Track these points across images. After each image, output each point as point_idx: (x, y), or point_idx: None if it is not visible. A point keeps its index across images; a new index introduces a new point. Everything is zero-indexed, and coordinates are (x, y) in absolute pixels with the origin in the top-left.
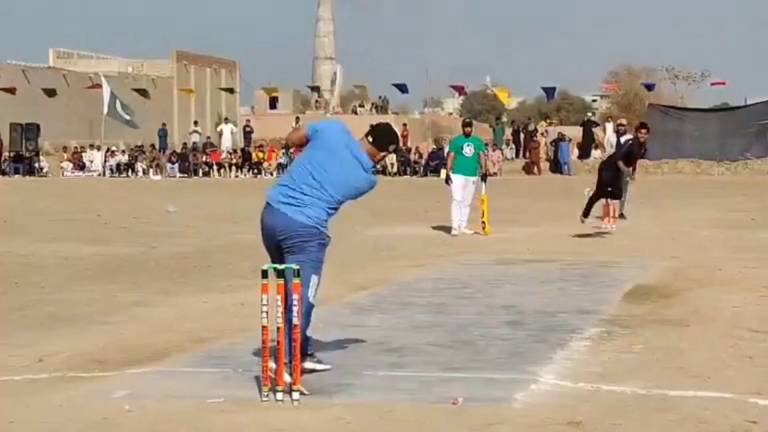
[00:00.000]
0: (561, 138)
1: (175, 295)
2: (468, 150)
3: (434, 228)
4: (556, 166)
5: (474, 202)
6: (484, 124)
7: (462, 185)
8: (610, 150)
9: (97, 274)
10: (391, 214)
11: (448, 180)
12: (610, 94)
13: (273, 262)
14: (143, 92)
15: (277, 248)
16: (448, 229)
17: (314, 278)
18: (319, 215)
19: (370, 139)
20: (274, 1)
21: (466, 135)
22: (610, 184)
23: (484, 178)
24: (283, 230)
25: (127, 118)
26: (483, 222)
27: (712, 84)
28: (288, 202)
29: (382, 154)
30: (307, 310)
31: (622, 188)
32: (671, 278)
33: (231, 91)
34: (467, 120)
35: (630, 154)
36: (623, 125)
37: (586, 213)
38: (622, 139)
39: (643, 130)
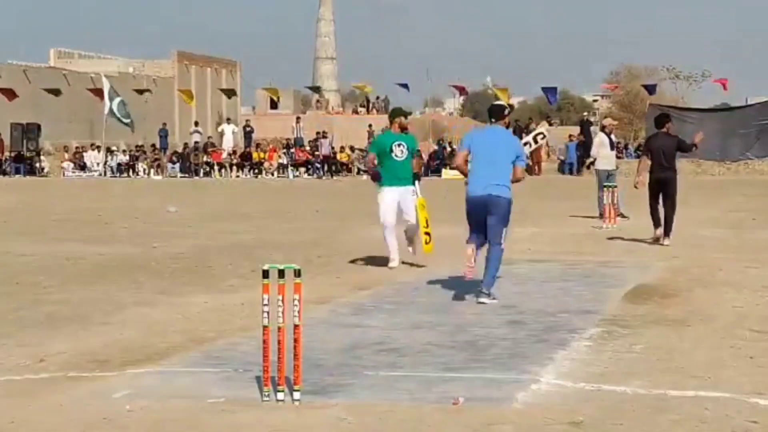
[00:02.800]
0: (570, 139)
1: (176, 295)
2: (399, 151)
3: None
4: (563, 167)
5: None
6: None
7: (395, 200)
8: (603, 150)
9: (98, 274)
10: None
11: (376, 178)
12: (611, 94)
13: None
14: (145, 91)
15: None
16: (448, 230)
17: None
18: None
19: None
20: (274, 1)
21: (403, 129)
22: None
23: (416, 177)
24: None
25: (125, 121)
26: (426, 234)
27: (715, 81)
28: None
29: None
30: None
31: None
32: (672, 278)
33: (232, 94)
34: (399, 109)
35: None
36: (612, 125)
37: (656, 224)
38: (613, 138)
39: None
